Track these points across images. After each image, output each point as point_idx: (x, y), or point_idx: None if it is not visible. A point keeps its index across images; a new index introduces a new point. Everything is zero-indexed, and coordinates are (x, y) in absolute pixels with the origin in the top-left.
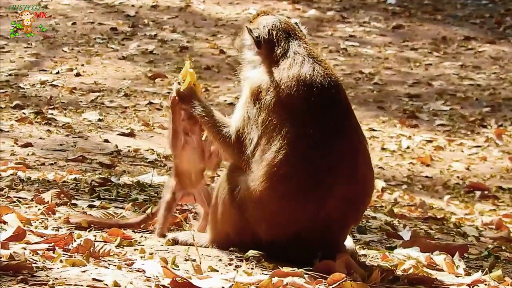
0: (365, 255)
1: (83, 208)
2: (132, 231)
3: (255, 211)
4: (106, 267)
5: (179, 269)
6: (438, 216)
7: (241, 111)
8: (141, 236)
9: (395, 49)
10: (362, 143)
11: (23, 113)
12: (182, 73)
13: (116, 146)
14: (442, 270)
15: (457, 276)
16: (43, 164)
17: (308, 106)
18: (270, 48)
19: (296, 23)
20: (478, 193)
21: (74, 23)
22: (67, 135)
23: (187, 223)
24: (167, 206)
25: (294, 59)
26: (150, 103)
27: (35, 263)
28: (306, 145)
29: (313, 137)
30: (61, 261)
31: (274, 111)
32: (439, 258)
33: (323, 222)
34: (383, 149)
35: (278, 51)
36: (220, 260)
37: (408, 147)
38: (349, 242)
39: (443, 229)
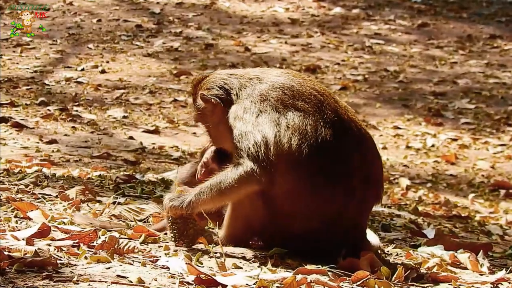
0: (389, 253)
1: (108, 205)
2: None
3: (284, 207)
4: (131, 264)
5: (203, 266)
6: (463, 215)
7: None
8: (165, 233)
9: (420, 47)
10: (360, 122)
11: (48, 109)
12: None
13: (141, 143)
14: (466, 268)
15: (481, 275)
16: (68, 160)
17: (302, 102)
18: (225, 98)
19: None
20: (503, 191)
21: (99, 20)
22: (92, 132)
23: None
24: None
25: (251, 84)
26: (175, 100)
27: (60, 259)
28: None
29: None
30: (85, 257)
31: (259, 117)
32: (463, 256)
33: (350, 204)
34: (408, 147)
35: (234, 92)
36: (244, 257)
37: (433, 145)
38: (375, 240)
39: (467, 228)
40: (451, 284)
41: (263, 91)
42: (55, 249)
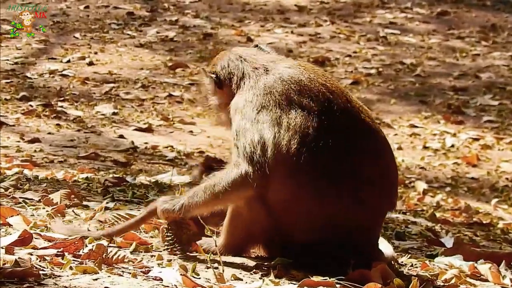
0: (403, 264)
1: (94, 210)
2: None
3: (287, 216)
4: (120, 275)
5: (199, 278)
6: (484, 222)
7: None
8: (158, 241)
9: (440, 37)
10: (375, 123)
11: (30, 105)
12: None
13: (132, 143)
14: (487, 280)
15: (503, 287)
16: (52, 161)
17: (304, 99)
18: (228, 83)
19: (256, 45)
20: None
21: (87, 7)
22: (78, 130)
23: (210, 229)
24: None
25: (256, 74)
26: (170, 95)
27: (43, 270)
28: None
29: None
30: (70, 268)
31: (259, 114)
32: (484, 267)
33: (361, 211)
34: (425, 147)
35: (236, 78)
36: (244, 268)
37: (452, 146)
38: (388, 249)
39: (489, 236)
40: None
41: (268, 83)
42: (37, 259)
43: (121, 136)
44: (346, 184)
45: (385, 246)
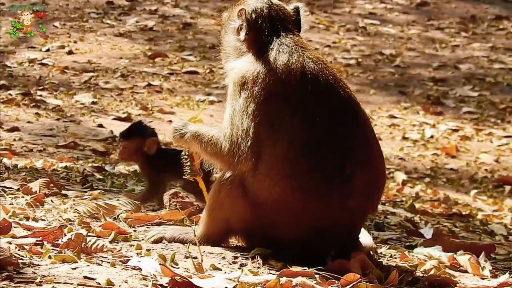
0: (382, 254)
1: (73, 200)
2: (130, 226)
3: (272, 213)
4: (99, 264)
5: (178, 267)
6: (464, 213)
7: (227, 110)
8: (135, 231)
9: (419, 28)
10: (370, 126)
11: (10, 94)
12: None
13: (111, 132)
14: (466, 271)
15: (483, 279)
16: (31, 150)
17: (305, 94)
18: (256, 36)
19: (296, 8)
20: (508, 187)
21: None
22: (57, 119)
23: (189, 219)
24: None
25: (280, 50)
26: (149, 85)
27: (22, 258)
28: (314, 134)
29: (319, 125)
30: (49, 257)
31: (266, 103)
32: (463, 259)
33: (346, 215)
34: (404, 138)
35: (263, 40)
36: (223, 258)
37: (432, 137)
38: (367, 239)
39: (468, 227)
40: None
41: (290, 70)
42: (16, 248)
43: (100, 125)
44: (334, 185)
45: (364, 236)
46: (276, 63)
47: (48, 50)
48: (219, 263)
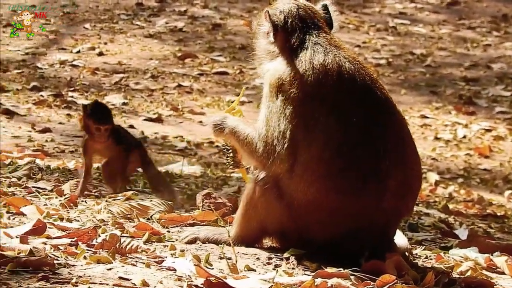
0: (417, 256)
1: (106, 200)
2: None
3: (307, 214)
4: (134, 265)
5: (213, 268)
6: (498, 213)
7: (263, 110)
8: (169, 231)
9: (450, 27)
10: (405, 126)
11: (41, 95)
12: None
13: (142, 133)
14: (503, 273)
15: None
16: (63, 151)
17: (341, 95)
18: (287, 37)
19: (325, 6)
20: None
21: None
22: None
23: (223, 219)
24: None
25: (314, 49)
26: (179, 85)
27: (57, 259)
28: (350, 135)
29: (355, 126)
30: (84, 257)
31: (303, 104)
32: (500, 260)
33: (381, 215)
34: (436, 138)
35: (295, 41)
36: (257, 258)
37: (464, 137)
38: (402, 240)
39: (503, 228)
40: None
41: (325, 71)
42: (51, 248)
43: (131, 126)
44: (368, 185)
45: (399, 237)
46: (312, 63)
47: (78, 51)
48: (254, 264)
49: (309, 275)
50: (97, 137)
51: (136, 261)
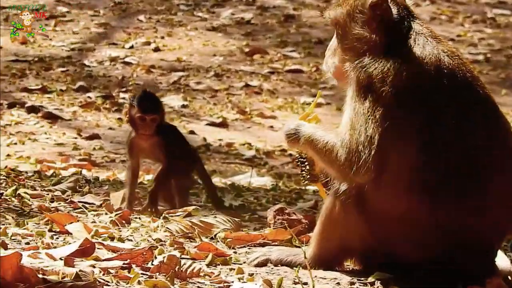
0: None
1: (164, 217)
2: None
3: (396, 231)
4: None
5: None
6: None
7: (348, 112)
8: (235, 252)
9: None
10: (509, 131)
11: (89, 97)
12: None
13: (204, 139)
14: None
15: None
16: (113, 161)
17: (440, 95)
18: (390, 29)
19: None
20: None
21: None
22: None
23: (298, 238)
24: None
25: (415, 40)
26: (247, 85)
27: (107, 284)
28: (449, 141)
29: (455, 131)
30: (139, 282)
31: (396, 105)
32: None
33: (481, 232)
34: None
35: (400, 32)
36: (338, 283)
37: None
38: (504, 262)
39: None
40: None
41: (428, 67)
42: (100, 272)
43: (192, 132)
44: (468, 199)
45: (501, 259)
46: (408, 57)
47: (131, 47)
48: None
49: None
50: (142, 130)
51: (198, 287)
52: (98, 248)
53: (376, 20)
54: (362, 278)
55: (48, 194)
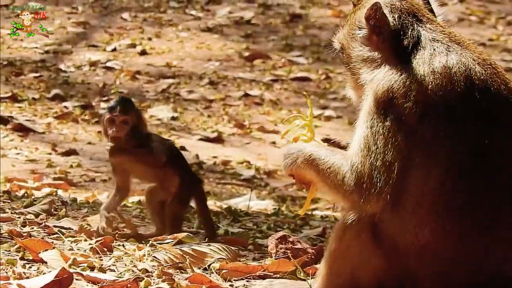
0: None
1: (151, 244)
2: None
3: (415, 264)
4: None
5: None
6: None
7: (361, 132)
8: (232, 285)
9: None
10: None
11: (65, 106)
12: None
13: (197, 156)
14: None
15: None
16: (93, 180)
17: (471, 109)
18: (395, 38)
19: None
20: None
21: None
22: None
23: (303, 270)
24: None
25: (434, 48)
26: (246, 95)
27: None
28: (481, 162)
29: (487, 150)
30: None
31: (422, 122)
32: None
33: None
34: None
35: (407, 41)
36: None
37: None
38: None
39: None
40: None
41: (450, 76)
42: None
43: (183, 148)
44: (499, 229)
45: None
46: (432, 66)
47: (114, 49)
48: None
49: None
50: (112, 134)
51: None
52: (77, 279)
53: (375, 32)
54: None
55: (19, 218)
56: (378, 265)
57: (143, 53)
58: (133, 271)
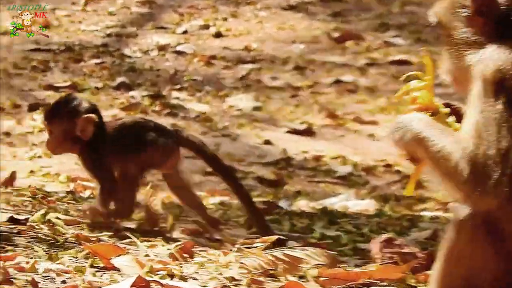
0: None
1: (237, 249)
2: None
3: None
4: None
5: None
6: None
7: (472, 116)
8: None
9: None
10: None
11: (132, 96)
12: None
13: (284, 151)
14: None
15: None
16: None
17: None
18: (503, 22)
19: None
20: None
21: None
22: (203, 133)
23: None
24: None
25: None
26: (338, 81)
27: None
28: None
29: None
30: None
31: None
32: None
33: None
34: None
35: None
36: None
37: None
38: None
39: None
40: None
41: None
42: None
43: (268, 142)
44: None
45: None
46: None
47: (185, 32)
48: None
49: None
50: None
51: None
52: None
53: (480, 13)
54: None
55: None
56: (501, 269)
57: (218, 35)
58: (218, 279)
